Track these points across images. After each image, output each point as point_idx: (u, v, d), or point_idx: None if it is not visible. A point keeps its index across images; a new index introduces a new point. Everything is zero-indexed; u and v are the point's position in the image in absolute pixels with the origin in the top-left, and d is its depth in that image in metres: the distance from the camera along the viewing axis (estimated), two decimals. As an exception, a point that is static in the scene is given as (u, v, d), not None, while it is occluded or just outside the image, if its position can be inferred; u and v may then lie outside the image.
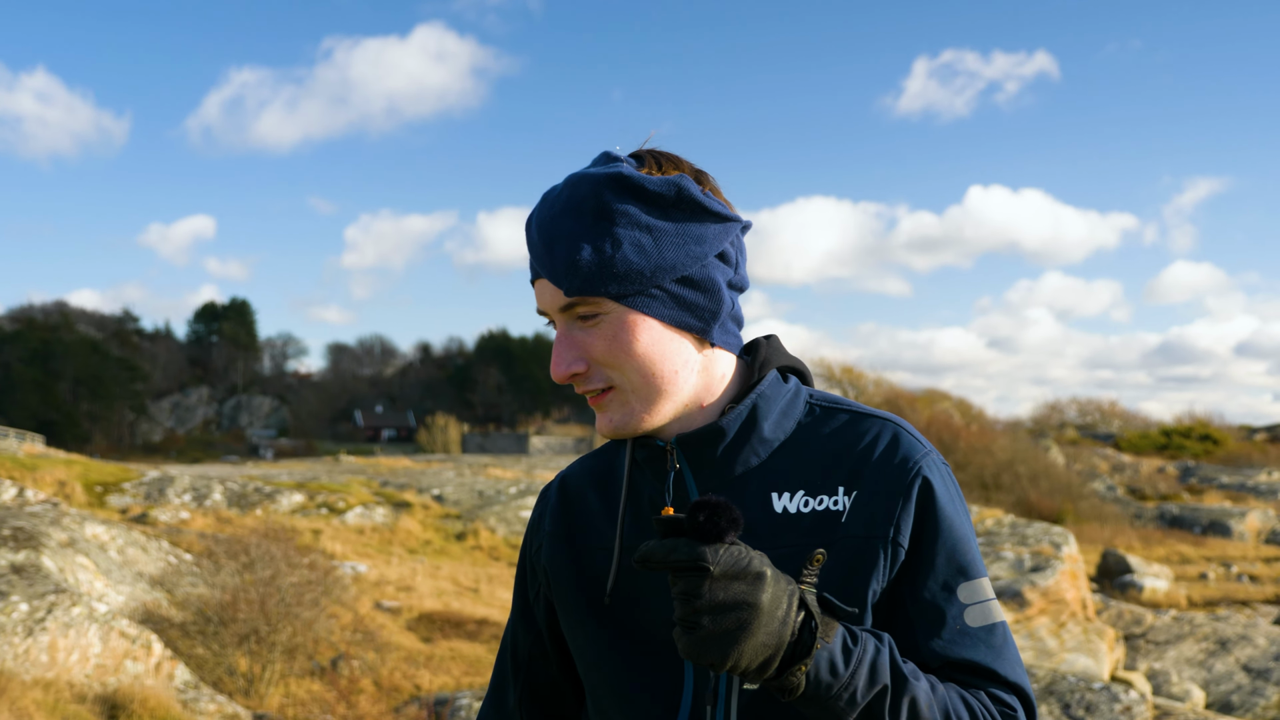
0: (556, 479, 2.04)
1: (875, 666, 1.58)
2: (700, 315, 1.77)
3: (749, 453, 1.79)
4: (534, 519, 2.03)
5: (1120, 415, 78.20)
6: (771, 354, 1.88)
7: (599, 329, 1.73)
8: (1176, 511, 38.88)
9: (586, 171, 1.77)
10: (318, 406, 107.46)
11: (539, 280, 1.78)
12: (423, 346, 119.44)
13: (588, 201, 1.73)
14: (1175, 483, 48.11)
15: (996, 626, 1.74)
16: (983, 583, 1.76)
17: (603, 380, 1.75)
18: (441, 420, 76.35)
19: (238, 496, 23.25)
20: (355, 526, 23.03)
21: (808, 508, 1.74)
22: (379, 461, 38.45)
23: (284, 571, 12.25)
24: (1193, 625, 19.14)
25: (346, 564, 17.75)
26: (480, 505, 26.94)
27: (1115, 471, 50.57)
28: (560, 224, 1.73)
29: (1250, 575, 30.51)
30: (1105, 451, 55.89)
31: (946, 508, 1.75)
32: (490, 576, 20.64)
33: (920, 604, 1.72)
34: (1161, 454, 58.04)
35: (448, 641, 14.78)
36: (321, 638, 12.59)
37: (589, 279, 1.70)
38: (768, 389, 1.82)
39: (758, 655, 1.50)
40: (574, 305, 1.73)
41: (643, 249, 1.72)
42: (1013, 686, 1.73)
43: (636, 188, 1.73)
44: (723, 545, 1.50)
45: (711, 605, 1.48)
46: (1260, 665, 17.24)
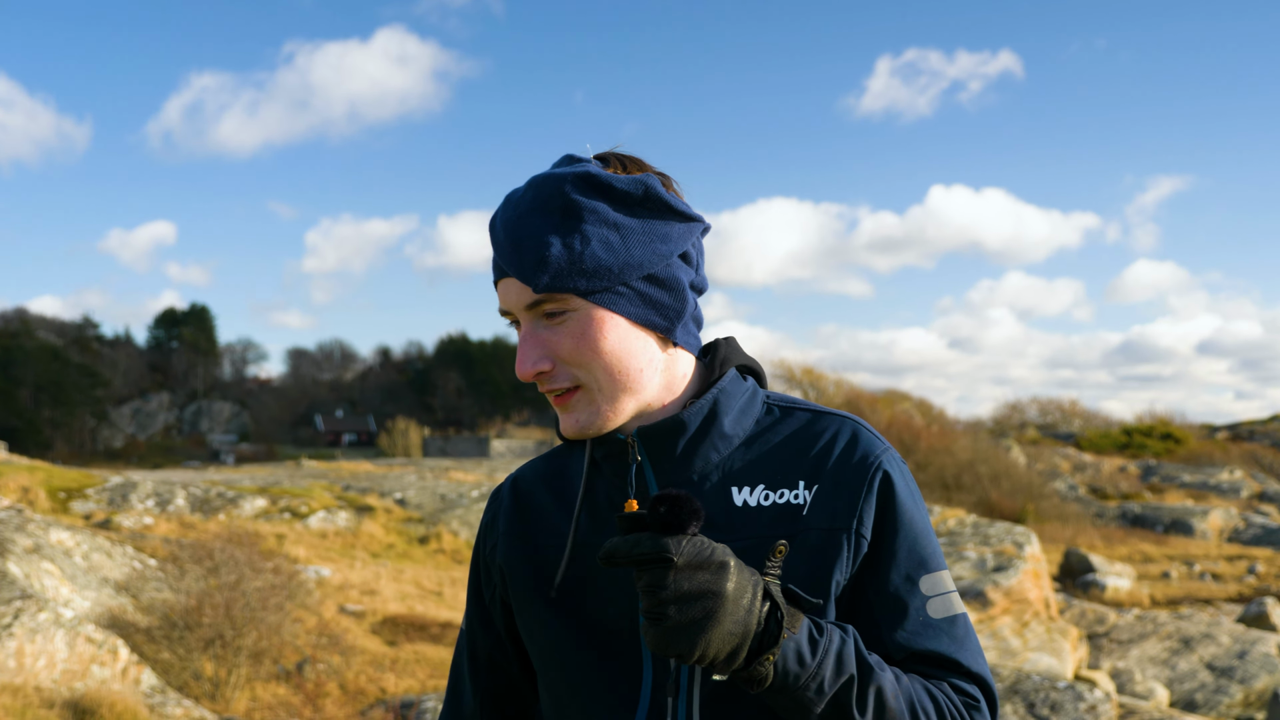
0: (507, 481, 2.04)
1: (841, 657, 1.60)
2: (665, 314, 1.79)
3: (709, 447, 1.80)
4: (486, 520, 2.03)
5: (1081, 414, 78.50)
6: (730, 353, 1.90)
7: (565, 326, 1.74)
8: (1138, 510, 39.00)
9: (553, 171, 1.79)
10: (278, 411, 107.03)
11: (503, 280, 1.79)
12: (382, 351, 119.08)
13: (555, 199, 1.74)
14: (1137, 482, 48.22)
15: (958, 618, 1.77)
16: (944, 575, 1.79)
17: (568, 379, 1.77)
18: (402, 424, 76.14)
19: (201, 502, 23.13)
20: (318, 531, 22.93)
21: (768, 501, 1.76)
22: (340, 466, 38.28)
23: (249, 576, 12.22)
24: (1156, 624, 19.23)
25: (310, 568, 17.69)
26: (442, 509, 26.86)
27: (1077, 471, 50.69)
28: (528, 222, 1.75)
29: (1213, 574, 30.62)
30: (1066, 451, 55.97)
31: (906, 501, 1.78)
32: (453, 580, 20.59)
33: (883, 596, 1.74)
34: (1123, 453, 58.21)
35: (412, 645, 14.76)
36: (286, 642, 12.57)
37: (557, 275, 1.71)
38: (729, 385, 1.84)
39: (725, 644, 1.51)
40: (541, 303, 1.74)
41: (611, 246, 1.73)
42: (975, 677, 1.75)
43: (604, 186, 1.75)
44: (685, 537, 1.52)
45: (677, 595, 1.50)
46: (1224, 663, 17.33)
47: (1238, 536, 35.97)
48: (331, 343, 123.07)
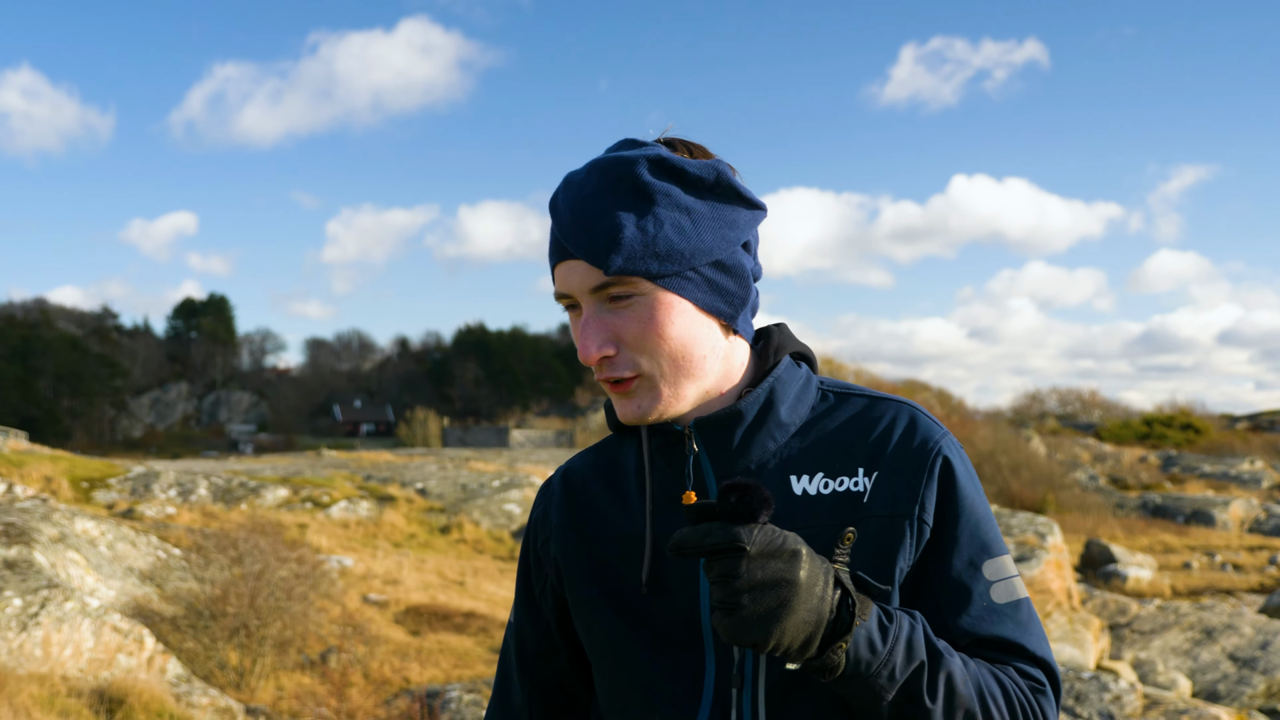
0: (558, 473, 2.03)
1: (911, 643, 1.59)
2: (730, 301, 1.78)
3: (766, 436, 1.79)
4: (537, 514, 2.01)
5: (1101, 405, 78.34)
6: (784, 340, 1.89)
7: (632, 310, 1.72)
8: (1159, 501, 38.88)
9: (621, 153, 1.75)
10: (296, 401, 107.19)
11: (565, 262, 1.74)
12: (400, 341, 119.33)
13: (627, 181, 1.71)
14: (1157, 472, 48.11)
15: (1021, 602, 1.76)
16: (1006, 559, 1.77)
17: (630, 366, 1.74)
18: (421, 414, 76.17)
19: (223, 491, 23.17)
20: (340, 520, 22.97)
21: (828, 489, 1.75)
22: (361, 456, 38.30)
23: (273, 565, 12.24)
24: (1178, 614, 19.19)
25: (333, 558, 17.71)
26: (464, 499, 26.88)
27: (1097, 461, 50.58)
28: (598, 203, 1.71)
29: (1234, 564, 30.54)
30: (1087, 441, 55.91)
31: (967, 487, 1.77)
32: (475, 569, 20.61)
33: (947, 582, 1.73)
34: (1143, 443, 58.06)
35: (435, 634, 14.77)
36: (311, 631, 12.59)
37: (630, 257, 1.68)
38: (784, 373, 1.83)
39: (800, 633, 1.50)
40: (608, 285, 1.71)
41: (683, 230, 1.71)
42: (1039, 661, 1.74)
43: (677, 169, 1.73)
44: (757, 526, 1.50)
45: (751, 585, 1.48)
46: (1246, 654, 17.30)
47: (1259, 527, 35.86)
48: (350, 333, 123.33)
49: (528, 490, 27.71)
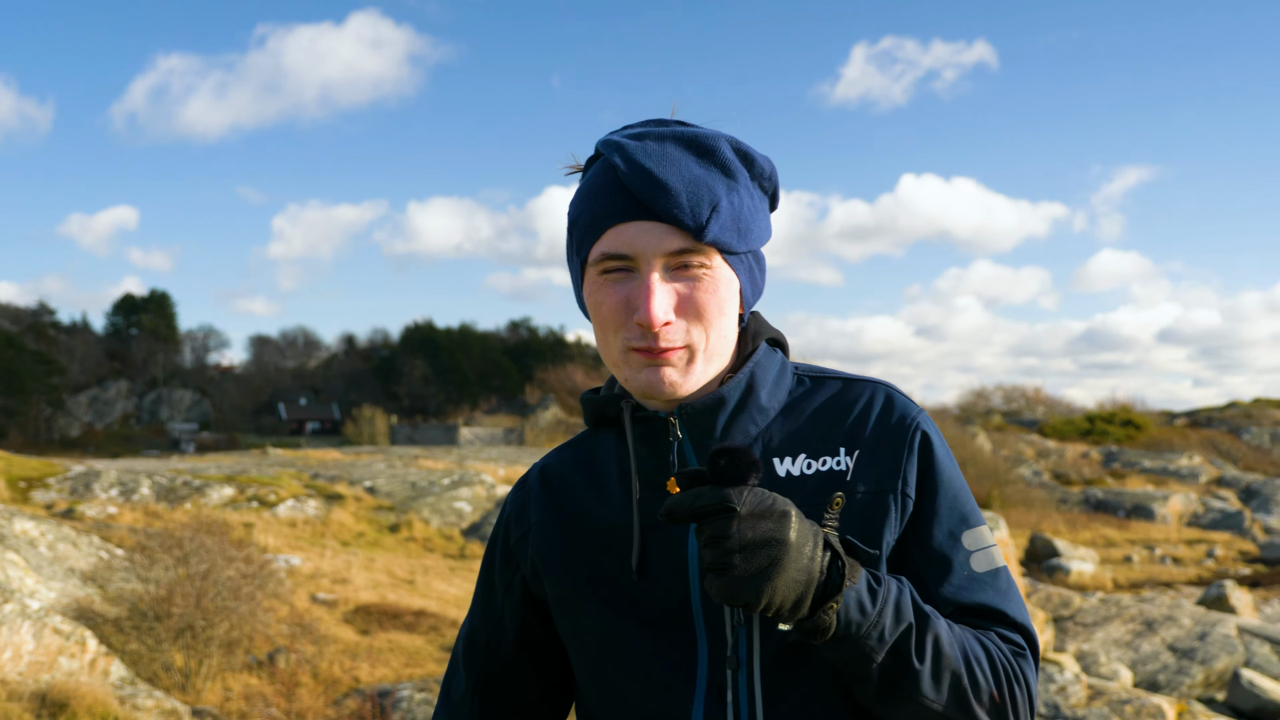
0: (535, 470, 2.03)
1: (900, 605, 1.63)
2: (756, 292, 1.86)
3: (747, 421, 1.82)
4: (513, 510, 2.01)
5: (1044, 401, 79.16)
6: (760, 327, 1.91)
7: (701, 283, 1.73)
8: (1101, 496, 39.46)
9: (698, 129, 1.77)
10: (240, 399, 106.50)
11: (633, 222, 1.72)
12: (347, 338, 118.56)
13: (716, 155, 1.74)
14: (1099, 467, 48.82)
15: (1000, 571, 1.81)
16: (983, 530, 1.82)
17: (684, 337, 1.73)
18: (368, 412, 75.86)
19: (166, 491, 22.94)
20: (287, 519, 22.80)
21: (810, 470, 1.78)
22: (308, 454, 38.08)
23: (220, 565, 12.09)
24: (1119, 607, 19.45)
25: (280, 557, 17.55)
26: (413, 496, 26.78)
27: (1041, 457, 51.17)
28: (692, 169, 1.72)
29: (1173, 557, 31.08)
30: (1030, 437, 56.60)
31: (945, 460, 1.82)
32: (425, 568, 20.53)
33: (928, 552, 1.77)
34: (1085, 439, 58.86)
35: (385, 633, 14.68)
36: (259, 631, 12.45)
37: (724, 228, 1.72)
38: (762, 358, 1.86)
39: (791, 592, 1.53)
40: (688, 252, 1.72)
41: (753, 214, 1.78)
42: (1019, 626, 1.79)
43: (749, 156, 1.78)
44: (746, 488, 1.53)
45: (742, 544, 1.51)
46: (1186, 645, 17.56)
47: (1197, 521, 36.50)
48: (295, 330, 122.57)
49: (478, 488, 27.62)
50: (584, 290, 1.82)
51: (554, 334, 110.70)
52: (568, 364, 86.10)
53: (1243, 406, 71.13)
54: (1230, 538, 33.91)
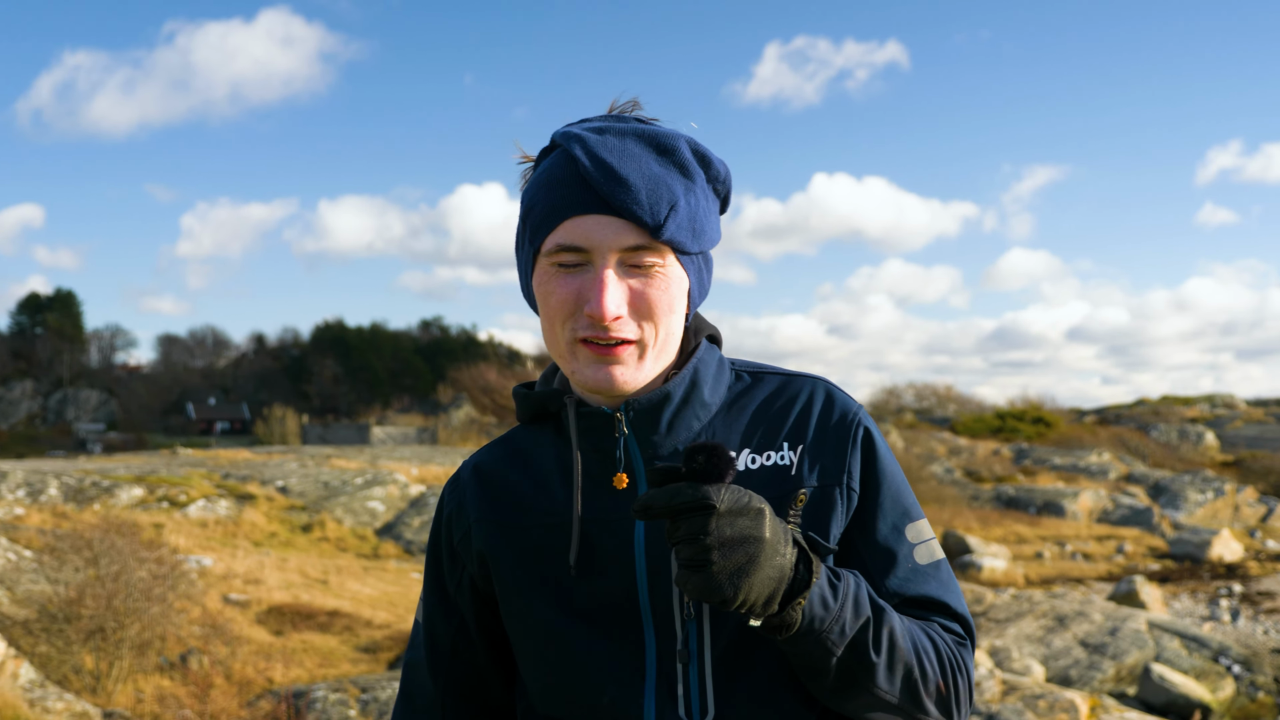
0: (467, 467, 2.01)
1: (858, 600, 1.66)
2: (703, 292, 1.87)
3: (691, 417, 1.82)
4: (450, 508, 1.98)
5: (956, 399, 79.77)
6: (699, 324, 1.92)
7: (654, 280, 1.74)
8: (1012, 493, 39.62)
9: (659, 127, 1.79)
10: (148, 399, 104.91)
11: (590, 215, 1.72)
12: (257, 337, 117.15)
13: (675, 155, 1.76)
14: (1010, 465, 48.88)
15: (941, 563, 1.85)
16: (924, 523, 1.86)
17: (634, 332, 1.75)
18: (280, 411, 75.08)
19: (74, 491, 22.62)
20: (198, 520, 22.57)
21: (755, 464, 1.80)
22: (218, 454, 37.61)
23: (131, 566, 11.97)
24: (1031, 603, 19.61)
25: (191, 558, 17.38)
26: (326, 496, 26.59)
27: (952, 454, 51.31)
28: (652, 167, 1.74)
29: (1084, 554, 31.36)
30: (942, 435, 56.64)
31: (885, 455, 1.85)
32: (339, 568, 20.40)
33: (873, 546, 1.80)
34: (996, 436, 58.94)
35: (299, 634, 14.60)
36: (170, 633, 12.33)
37: (680, 227, 1.73)
38: (705, 355, 1.87)
39: (764, 589, 1.54)
40: (643, 249, 1.73)
41: (708, 215, 1.79)
42: (959, 617, 1.83)
43: (706, 158, 1.80)
44: (724, 485, 1.54)
45: (720, 541, 1.52)
46: (1096, 640, 17.73)
47: (1107, 517, 36.77)
48: (204, 329, 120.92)
49: (391, 488, 27.46)
50: (534, 280, 1.81)
51: (466, 333, 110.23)
52: (480, 363, 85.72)
53: (1150, 404, 72.06)
54: (1139, 534, 34.23)
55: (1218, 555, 30.55)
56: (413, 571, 21.43)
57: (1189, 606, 23.69)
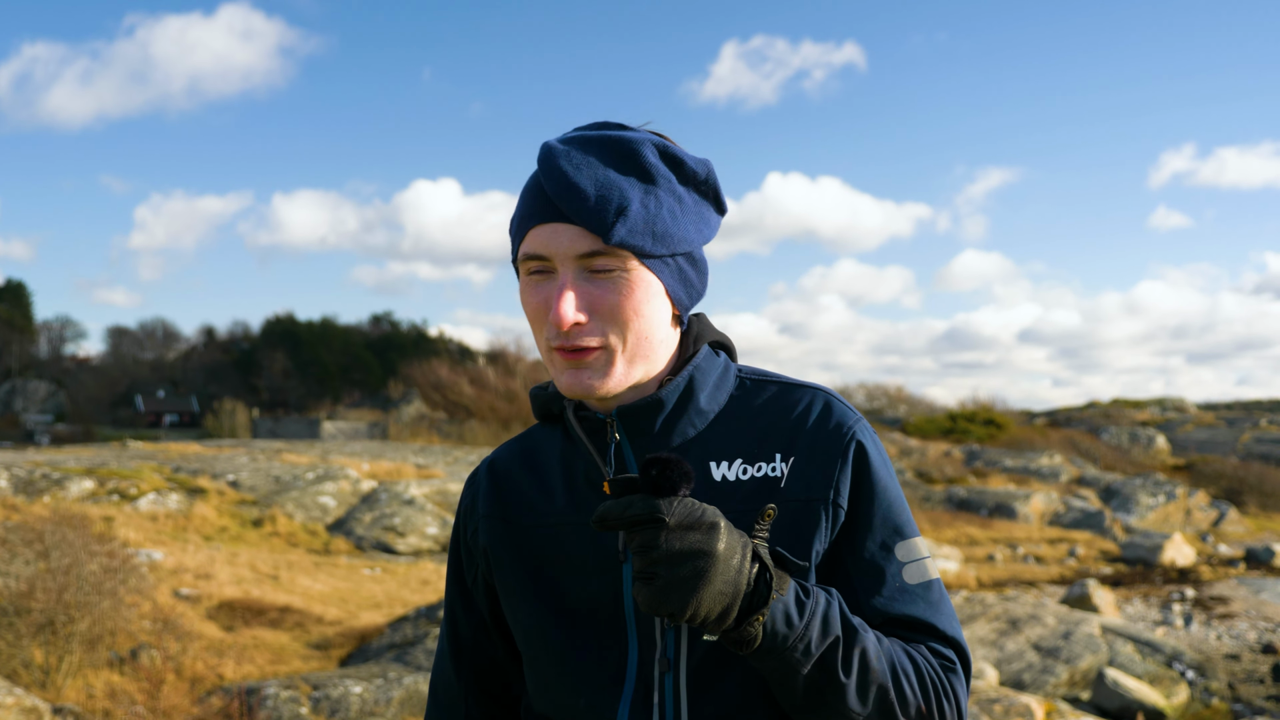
0: (484, 464, 2.05)
1: (828, 619, 1.64)
2: (691, 294, 1.85)
3: (686, 424, 1.83)
4: (465, 504, 2.03)
5: (906, 400, 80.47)
6: (703, 329, 1.92)
7: (613, 284, 1.74)
8: (964, 494, 39.78)
9: (624, 132, 1.79)
10: (97, 391, 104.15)
11: (548, 224, 1.75)
12: (207, 330, 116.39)
13: (634, 159, 1.75)
14: (961, 466, 49.09)
15: (933, 583, 1.81)
16: (917, 542, 1.83)
17: (598, 337, 1.75)
18: (229, 405, 74.73)
19: (24, 483, 22.42)
20: (148, 513, 22.39)
21: (746, 475, 1.78)
22: (168, 447, 37.30)
23: (83, 559, 11.84)
24: (984, 606, 19.68)
25: (142, 551, 17.23)
26: (277, 491, 26.45)
27: (903, 455, 51.61)
28: (605, 173, 1.74)
29: (1036, 556, 31.50)
30: (893, 435, 56.99)
31: (880, 470, 1.82)
32: (290, 563, 20.29)
33: (860, 563, 1.78)
34: (947, 438, 59.21)
35: (250, 630, 14.49)
36: (121, 628, 12.20)
37: (633, 231, 1.72)
38: (702, 362, 1.86)
39: (716, 604, 1.54)
40: (598, 254, 1.73)
41: (675, 216, 1.78)
42: (950, 640, 1.80)
43: (677, 159, 1.80)
44: (677, 498, 1.54)
45: (668, 555, 1.52)
46: (1050, 644, 17.81)
47: (1058, 520, 36.98)
48: (154, 321, 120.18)
49: (342, 483, 27.35)
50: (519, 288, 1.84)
51: (416, 328, 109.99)
52: (431, 358, 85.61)
53: (1101, 406, 72.83)
54: (1091, 537, 34.41)
55: (1170, 559, 30.72)
56: (364, 568, 21.34)
57: (1142, 611, 23.80)
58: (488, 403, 73.94)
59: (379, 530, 24.96)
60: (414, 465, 34.19)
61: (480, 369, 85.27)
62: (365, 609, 16.67)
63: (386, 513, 25.72)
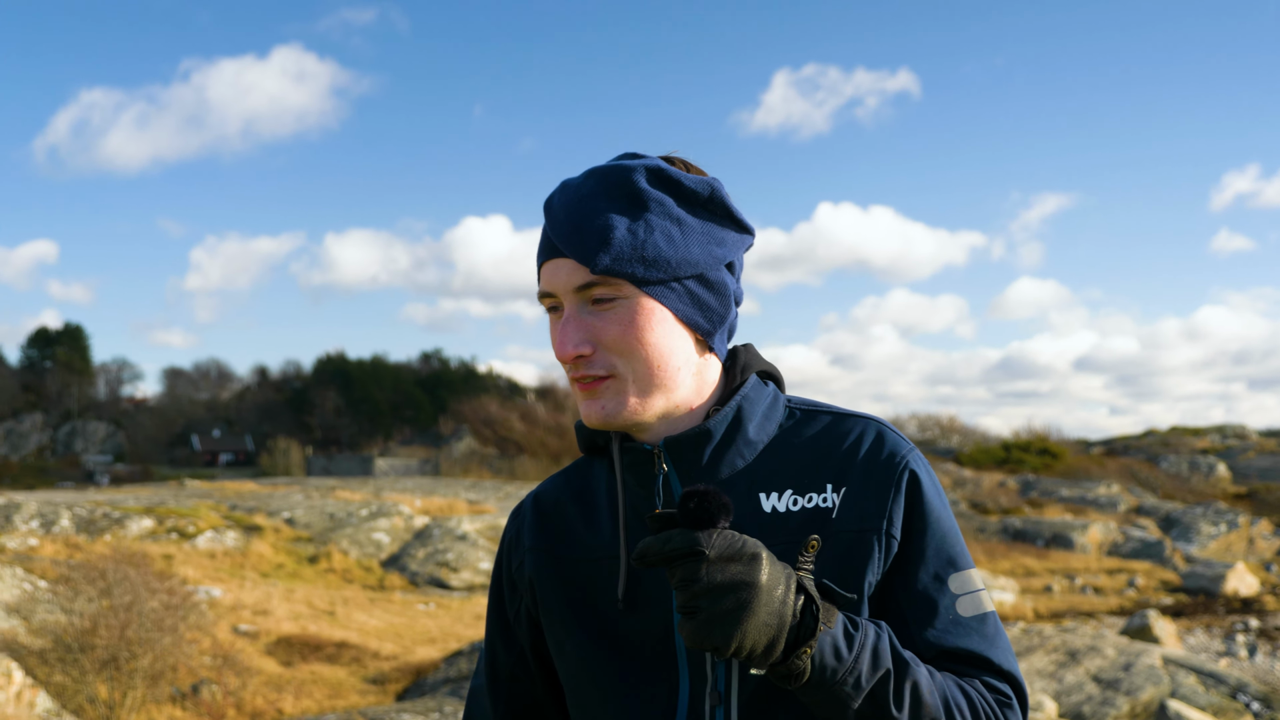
0: (529, 497, 2.02)
1: (878, 651, 1.59)
2: (710, 317, 1.80)
3: (735, 455, 1.79)
4: (510, 537, 2.00)
5: (959, 430, 79.53)
6: (750, 359, 1.89)
7: (613, 313, 1.73)
8: (1019, 525, 39.23)
9: (621, 161, 1.79)
10: (154, 431, 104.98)
11: (552, 261, 1.76)
12: (260, 370, 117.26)
13: (624, 186, 1.74)
14: (1016, 496, 48.31)
15: (988, 616, 1.76)
16: (972, 573, 1.78)
17: (605, 367, 1.75)
18: (283, 443, 75.23)
19: (86, 522, 22.65)
20: (207, 551, 22.58)
21: (796, 506, 1.75)
22: (225, 486, 37.59)
23: (143, 596, 11.99)
24: (1042, 637, 19.46)
25: (201, 588, 17.39)
26: (331, 528, 26.58)
27: (957, 486, 50.98)
28: (593, 204, 1.73)
29: (1094, 587, 31.06)
30: (946, 466, 56.18)
31: (934, 501, 1.78)
32: (345, 599, 20.39)
33: (913, 595, 1.74)
34: (1001, 468, 58.19)
35: (308, 665, 14.59)
36: (182, 663, 12.34)
37: (619, 259, 1.70)
38: (751, 392, 1.83)
39: (761, 636, 1.50)
40: (593, 285, 1.72)
41: (672, 239, 1.74)
42: (1006, 674, 1.74)
43: (673, 181, 1.75)
44: (716, 531, 1.51)
45: (710, 588, 1.49)
46: (1110, 675, 17.57)
47: (1117, 550, 36.45)
48: (208, 362, 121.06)
49: (396, 519, 27.46)
50: None
51: (465, 365, 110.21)
52: (481, 395, 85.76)
53: (1160, 434, 71.35)
54: (1151, 567, 33.85)
55: (1233, 589, 30.25)
56: (418, 603, 21.41)
57: (1204, 641, 23.48)
58: (538, 438, 74.01)
59: (432, 566, 25.03)
60: (466, 501, 34.27)
61: (530, 404, 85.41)
62: (420, 644, 16.74)
63: (440, 548, 25.80)
